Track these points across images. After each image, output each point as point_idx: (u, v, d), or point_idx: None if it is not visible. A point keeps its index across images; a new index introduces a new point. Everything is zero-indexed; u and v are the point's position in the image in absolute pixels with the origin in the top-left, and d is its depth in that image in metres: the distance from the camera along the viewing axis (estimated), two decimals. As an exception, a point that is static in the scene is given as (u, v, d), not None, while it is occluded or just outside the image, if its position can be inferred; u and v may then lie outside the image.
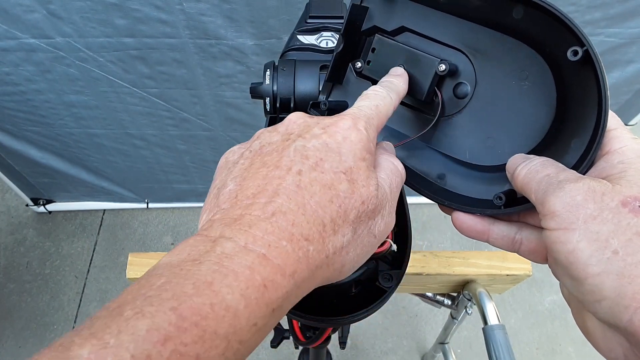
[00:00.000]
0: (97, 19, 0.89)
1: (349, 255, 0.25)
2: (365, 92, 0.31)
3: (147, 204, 1.56)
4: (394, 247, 0.39)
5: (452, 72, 0.35)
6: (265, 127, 0.47)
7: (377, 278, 0.39)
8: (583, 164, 0.26)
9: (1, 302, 1.40)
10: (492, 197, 0.30)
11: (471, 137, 0.34)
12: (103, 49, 0.96)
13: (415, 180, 0.35)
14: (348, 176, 0.24)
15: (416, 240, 1.54)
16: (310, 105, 0.41)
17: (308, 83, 0.46)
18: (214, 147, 1.26)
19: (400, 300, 1.42)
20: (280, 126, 0.28)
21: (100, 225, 1.57)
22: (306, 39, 0.51)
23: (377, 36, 0.38)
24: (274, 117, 0.47)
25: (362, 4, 0.38)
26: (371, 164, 0.26)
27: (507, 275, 0.73)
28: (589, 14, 0.90)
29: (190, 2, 0.86)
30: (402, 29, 0.37)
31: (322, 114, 0.40)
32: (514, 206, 0.30)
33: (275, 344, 0.75)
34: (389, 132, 0.39)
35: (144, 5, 0.87)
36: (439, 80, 0.35)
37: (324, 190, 0.23)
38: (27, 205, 1.53)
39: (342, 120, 0.26)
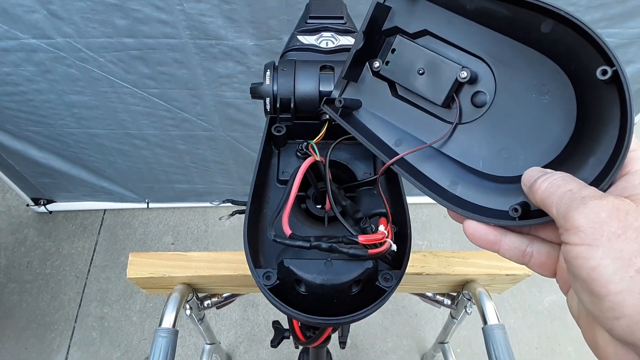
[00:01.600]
0: (97, 19, 0.89)
1: None
2: None
3: (148, 203, 1.56)
4: (394, 247, 0.39)
5: (473, 79, 0.34)
6: (265, 127, 0.48)
7: (377, 278, 0.39)
8: (603, 182, 0.26)
9: (2, 302, 1.40)
10: (508, 208, 0.30)
11: (486, 146, 0.34)
12: (103, 49, 0.96)
13: (428, 186, 0.35)
14: None
15: (416, 240, 1.54)
16: (324, 102, 0.41)
17: (308, 83, 0.46)
18: (214, 147, 1.26)
19: (400, 300, 1.42)
20: None
21: (101, 225, 1.57)
22: (306, 40, 0.52)
23: (399, 37, 0.37)
24: (274, 117, 0.48)
25: (386, 3, 0.37)
26: None
27: (507, 275, 0.73)
28: (588, 14, 0.90)
29: (191, 3, 0.86)
30: (424, 32, 0.36)
31: (336, 111, 0.40)
32: (526, 219, 0.29)
33: (275, 343, 0.75)
34: (401, 135, 0.38)
35: (145, 6, 0.87)
36: (458, 86, 0.35)
37: None
38: (27, 205, 1.53)
39: None
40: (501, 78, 0.33)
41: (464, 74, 0.34)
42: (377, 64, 0.39)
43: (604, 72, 0.26)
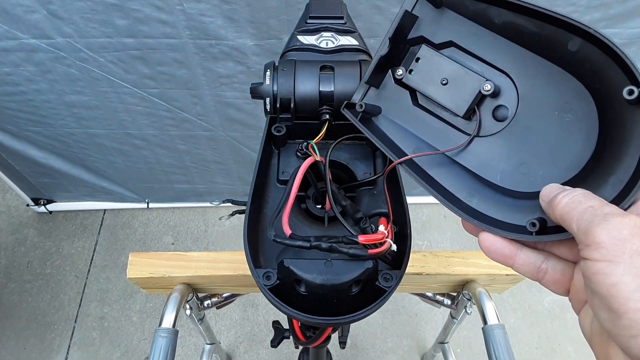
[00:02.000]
0: (97, 19, 0.89)
1: None
2: None
3: (148, 203, 1.56)
4: (394, 247, 0.39)
5: (495, 93, 0.34)
6: (265, 127, 0.48)
7: (377, 278, 0.39)
8: (623, 201, 0.26)
9: (2, 302, 1.40)
10: (525, 223, 0.30)
11: (505, 160, 0.34)
12: (103, 49, 0.96)
13: (444, 196, 0.35)
14: None
15: (416, 240, 1.54)
16: (345, 106, 0.41)
17: (308, 83, 0.46)
18: (214, 147, 1.26)
19: (400, 300, 1.42)
20: None
21: (101, 225, 1.57)
22: (306, 40, 0.52)
23: (424, 47, 0.37)
24: (274, 117, 0.48)
25: (413, 12, 0.37)
26: None
27: (507, 275, 0.73)
28: (588, 14, 0.90)
29: (191, 3, 0.86)
30: (449, 43, 0.36)
31: (356, 115, 0.40)
32: (543, 235, 0.29)
33: (275, 343, 0.75)
34: (419, 144, 0.38)
35: (145, 6, 0.87)
36: (480, 99, 0.35)
37: None
38: (27, 205, 1.53)
39: None
40: (524, 93, 0.33)
41: (488, 86, 0.34)
42: (400, 71, 0.39)
43: (631, 92, 0.26)
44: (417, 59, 0.38)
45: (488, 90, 0.34)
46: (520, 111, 0.34)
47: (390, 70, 0.40)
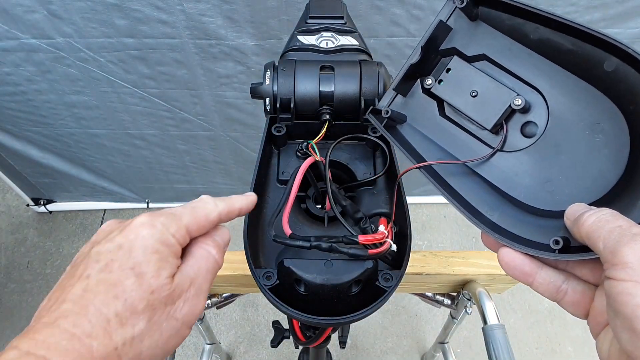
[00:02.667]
0: (97, 19, 0.89)
1: (144, 343, 0.26)
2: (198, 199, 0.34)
3: (148, 203, 1.56)
4: (394, 247, 0.39)
5: (526, 109, 0.34)
6: (265, 127, 0.48)
7: (377, 278, 0.39)
8: None
9: (2, 302, 1.40)
10: (549, 241, 0.30)
11: (529, 177, 0.34)
12: (103, 49, 0.96)
13: (466, 208, 0.35)
14: (136, 270, 0.27)
15: (416, 240, 1.54)
16: (370, 111, 0.41)
17: (308, 83, 0.46)
18: (214, 147, 1.26)
19: (400, 300, 1.42)
20: (93, 236, 0.31)
21: (101, 225, 1.57)
22: (306, 40, 0.52)
23: (456, 58, 0.37)
24: (274, 117, 0.48)
25: (448, 23, 0.37)
26: (169, 255, 0.29)
27: (507, 275, 0.73)
28: (588, 15, 0.90)
29: (191, 3, 0.86)
30: (481, 57, 0.36)
31: (381, 121, 0.40)
32: (567, 254, 0.29)
33: (275, 343, 0.75)
34: (442, 154, 0.38)
35: (145, 6, 0.87)
36: (509, 113, 0.35)
37: (110, 288, 0.26)
38: (27, 205, 1.53)
39: (137, 219, 0.29)
40: (555, 111, 0.33)
41: (519, 101, 0.34)
42: (429, 81, 0.39)
43: None
44: (448, 70, 0.38)
45: (519, 105, 0.34)
46: (550, 128, 0.33)
47: (419, 79, 0.40)
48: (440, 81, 0.38)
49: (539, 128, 0.34)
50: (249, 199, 0.37)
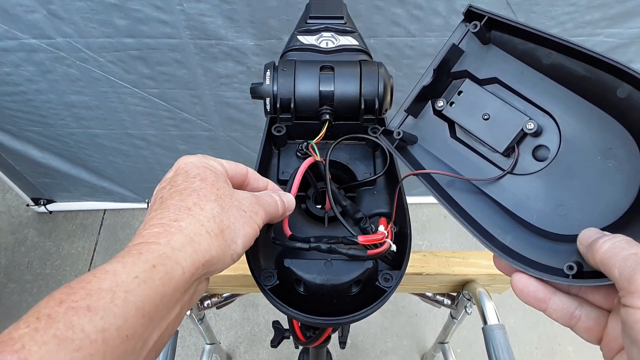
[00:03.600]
0: (97, 19, 0.89)
1: (224, 222, 0.31)
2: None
3: (148, 203, 1.56)
4: (393, 247, 0.39)
5: (538, 133, 0.34)
6: (265, 127, 0.48)
7: (377, 278, 0.39)
8: None
9: (2, 302, 1.40)
10: (562, 266, 0.30)
11: (542, 201, 0.34)
12: (103, 49, 0.96)
13: (479, 231, 0.35)
14: (199, 177, 0.33)
15: (416, 240, 1.54)
16: (382, 132, 0.41)
17: (308, 83, 0.46)
18: (214, 147, 1.26)
19: (400, 300, 1.42)
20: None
21: (101, 225, 1.57)
22: (306, 40, 0.52)
23: (467, 81, 0.37)
24: (274, 117, 0.48)
25: (460, 46, 0.38)
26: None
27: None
28: (588, 14, 0.90)
29: (191, 3, 0.86)
30: (493, 80, 0.37)
31: (392, 142, 0.40)
32: (580, 279, 0.29)
33: (275, 343, 0.75)
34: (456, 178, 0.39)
35: (145, 6, 0.87)
36: (521, 137, 0.35)
37: (183, 192, 0.31)
38: (27, 205, 1.53)
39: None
40: (567, 135, 0.33)
41: (531, 125, 0.34)
42: (441, 103, 0.39)
43: None
44: (460, 92, 0.38)
45: (531, 129, 0.34)
46: (562, 153, 0.33)
47: (430, 101, 0.40)
48: (451, 103, 0.38)
49: (550, 152, 0.34)
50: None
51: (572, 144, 0.33)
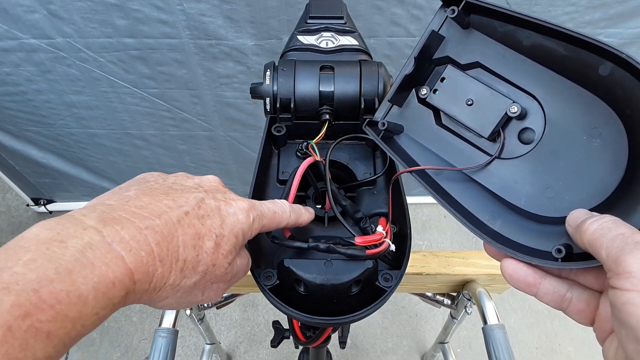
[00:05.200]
0: (97, 19, 0.89)
1: (176, 295, 0.29)
2: (276, 200, 0.37)
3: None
4: (393, 247, 0.39)
5: (522, 115, 0.34)
6: (265, 127, 0.48)
7: (377, 278, 0.39)
8: None
9: (2, 302, 1.40)
10: (551, 249, 0.30)
11: (530, 184, 0.34)
12: (103, 49, 0.96)
13: (467, 218, 0.35)
14: (218, 240, 0.30)
15: (416, 240, 1.54)
16: (367, 123, 0.41)
17: (308, 83, 0.46)
18: (214, 147, 1.26)
19: (400, 300, 1.42)
20: (198, 178, 0.34)
21: (101, 225, 1.57)
22: (306, 40, 0.52)
23: (449, 67, 0.37)
24: (274, 117, 0.48)
25: (440, 32, 0.37)
26: (239, 245, 0.32)
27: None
28: (588, 14, 0.90)
29: (191, 3, 0.86)
30: (475, 64, 0.36)
31: (378, 133, 0.40)
32: (569, 261, 0.29)
33: (275, 343, 0.75)
34: (441, 164, 0.38)
35: (145, 6, 0.87)
36: (506, 121, 0.35)
37: (195, 237, 0.28)
38: (27, 205, 1.53)
39: (242, 201, 0.32)
40: (552, 117, 0.33)
41: (515, 108, 0.34)
42: (424, 91, 0.39)
43: None
44: (442, 79, 0.37)
45: (515, 113, 0.34)
46: (547, 134, 0.33)
47: (414, 89, 0.40)
48: (435, 90, 0.38)
49: (536, 134, 0.34)
50: (311, 216, 0.40)
51: (557, 125, 0.33)
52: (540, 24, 0.31)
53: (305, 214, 0.39)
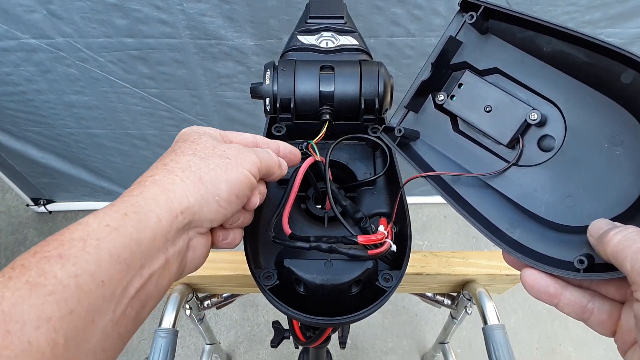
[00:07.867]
0: (97, 19, 0.89)
1: (202, 170, 0.31)
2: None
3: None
4: (394, 247, 0.39)
5: (542, 122, 0.34)
6: (265, 127, 0.48)
7: (377, 278, 0.39)
8: None
9: (2, 302, 1.40)
10: (572, 259, 0.29)
11: (550, 192, 0.33)
12: (103, 49, 0.96)
13: (485, 226, 0.34)
14: (189, 141, 0.34)
15: (416, 240, 1.54)
16: (383, 129, 0.40)
17: (308, 83, 0.46)
18: (214, 147, 1.26)
19: (400, 300, 1.42)
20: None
21: (101, 225, 1.57)
22: (306, 39, 0.52)
23: (467, 72, 0.37)
24: (274, 117, 0.47)
25: (457, 37, 0.37)
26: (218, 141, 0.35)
27: (507, 275, 0.73)
28: (588, 14, 0.90)
29: (191, 3, 0.86)
30: (494, 70, 0.36)
31: (394, 140, 0.39)
32: (592, 272, 0.28)
33: (275, 343, 0.75)
34: (458, 170, 0.38)
35: (144, 6, 0.87)
36: (525, 128, 0.34)
37: (165, 155, 0.33)
38: (27, 205, 1.53)
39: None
40: (572, 124, 0.33)
41: (535, 115, 0.33)
42: (441, 97, 0.38)
43: None
44: (460, 85, 0.37)
45: (534, 120, 0.33)
46: (568, 142, 0.33)
47: (430, 95, 0.39)
48: (452, 96, 0.37)
49: (556, 142, 0.33)
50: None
51: (577, 133, 0.32)
52: (562, 31, 0.31)
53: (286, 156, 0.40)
